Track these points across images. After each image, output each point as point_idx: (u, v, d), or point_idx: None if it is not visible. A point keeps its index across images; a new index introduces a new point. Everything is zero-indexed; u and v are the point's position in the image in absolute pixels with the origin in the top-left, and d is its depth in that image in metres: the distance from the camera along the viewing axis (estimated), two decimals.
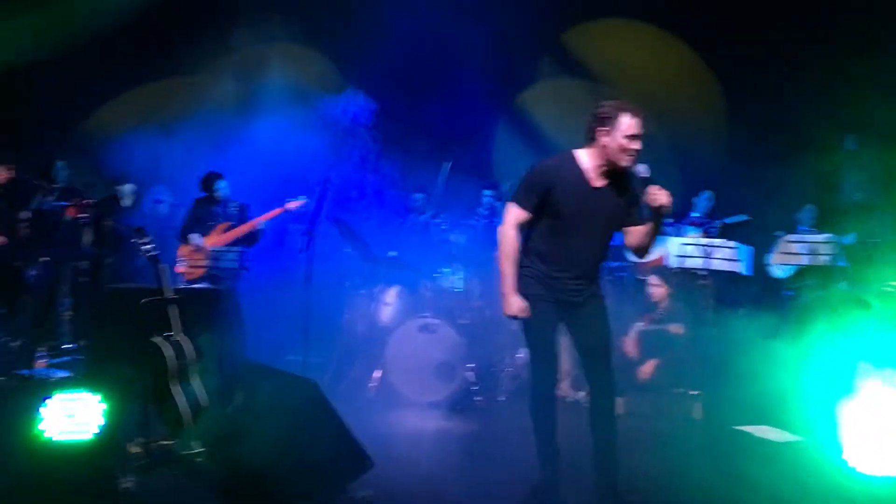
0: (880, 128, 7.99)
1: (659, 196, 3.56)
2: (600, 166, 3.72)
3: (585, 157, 3.74)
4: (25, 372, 5.92)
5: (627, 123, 3.62)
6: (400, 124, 8.52)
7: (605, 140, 3.66)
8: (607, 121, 3.65)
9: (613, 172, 3.71)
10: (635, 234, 3.81)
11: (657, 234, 3.73)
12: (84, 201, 7.39)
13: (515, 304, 3.76)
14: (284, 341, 6.89)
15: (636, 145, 3.63)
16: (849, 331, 5.95)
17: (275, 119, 7.80)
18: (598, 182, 3.73)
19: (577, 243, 3.74)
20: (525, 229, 3.84)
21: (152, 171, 7.98)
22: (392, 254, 6.67)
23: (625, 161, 3.64)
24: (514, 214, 3.79)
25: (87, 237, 7.49)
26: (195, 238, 6.64)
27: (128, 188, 7.92)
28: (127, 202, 7.91)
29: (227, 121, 7.97)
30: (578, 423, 4.09)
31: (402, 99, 8.57)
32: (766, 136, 8.06)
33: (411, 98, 8.71)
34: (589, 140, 3.73)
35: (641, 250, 3.84)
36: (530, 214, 3.77)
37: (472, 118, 8.74)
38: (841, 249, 6.47)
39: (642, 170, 3.66)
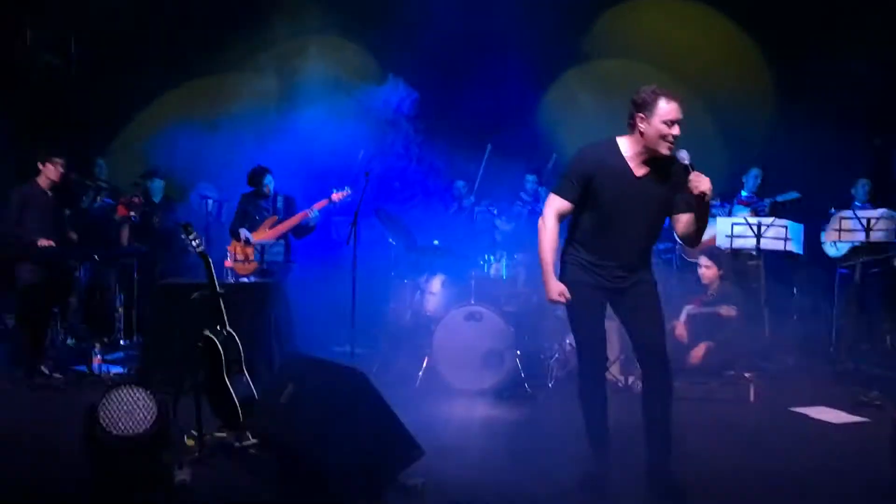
0: None
1: (700, 182, 3.46)
2: (640, 154, 3.64)
3: (626, 145, 3.67)
4: (82, 368, 6.08)
5: (665, 109, 3.52)
6: (441, 112, 8.48)
7: (643, 127, 3.58)
8: (644, 107, 3.56)
9: (655, 160, 3.63)
10: (682, 222, 3.71)
11: (704, 222, 3.62)
12: (134, 199, 7.56)
13: (555, 288, 3.75)
14: (332, 333, 6.95)
15: (675, 131, 3.53)
16: None
17: (316, 112, 7.82)
18: (640, 171, 3.65)
19: (620, 234, 3.69)
20: (569, 218, 3.82)
21: (196, 168, 8.08)
22: (436, 242, 6.66)
23: (664, 148, 3.55)
24: (554, 205, 3.76)
25: (137, 235, 7.68)
26: (244, 233, 6.72)
27: (157, 184, 8.06)
28: (156, 198, 8.04)
29: (268, 115, 8.03)
30: (628, 407, 4.05)
31: (443, 86, 8.54)
32: (817, 110, 7.83)
33: (451, 85, 8.67)
34: (629, 127, 3.65)
35: (689, 239, 3.74)
36: (571, 205, 3.73)
37: (513, 102, 8.68)
38: None
39: (684, 156, 3.54)
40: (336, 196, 6.77)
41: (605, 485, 3.81)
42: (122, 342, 7.36)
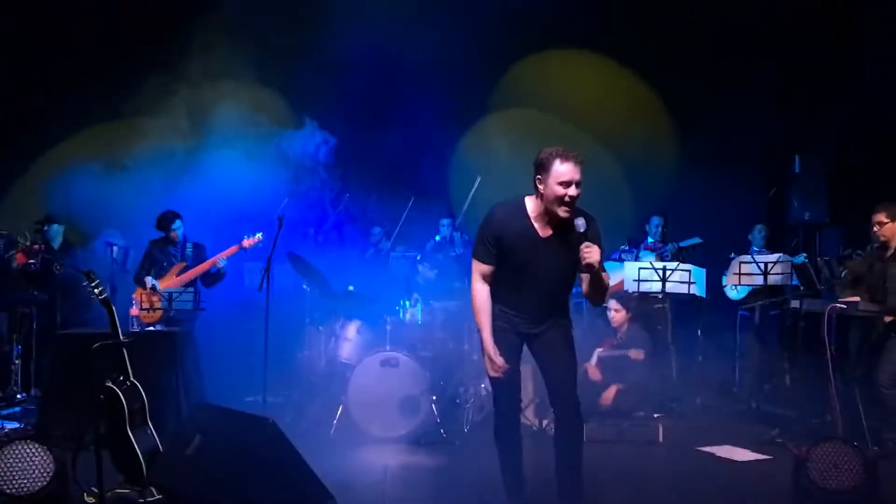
0: (825, 148, 8.27)
1: (589, 255, 3.50)
2: (543, 215, 3.68)
3: (532, 206, 3.71)
4: None
5: (559, 170, 3.53)
6: (357, 157, 8.53)
7: (541, 188, 3.61)
8: (541, 168, 3.59)
9: (559, 221, 3.65)
10: (584, 282, 3.73)
11: (599, 287, 3.68)
12: (33, 246, 7.25)
13: (489, 359, 3.74)
14: (243, 382, 6.77)
15: (571, 191, 3.53)
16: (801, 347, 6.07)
17: (230, 156, 7.74)
18: (545, 232, 3.70)
19: (529, 291, 3.76)
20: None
21: (101, 214, 7.83)
22: (350, 288, 6.62)
23: (561, 212, 3.57)
24: (477, 270, 3.81)
25: (37, 283, 7.35)
26: (150, 280, 6.54)
27: (55, 230, 7.75)
28: (55, 244, 7.73)
29: (178, 160, 7.87)
30: (543, 451, 4.08)
31: (358, 131, 8.59)
32: (717, 160, 8.23)
33: (367, 129, 8.74)
34: (534, 188, 3.68)
35: (591, 300, 3.83)
36: (492, 266, 3.78)
37: (429, 147, 8.79)
38: (792, 268, 6.60)
39: (580, 224, 3.55)
40: (247, 242, 6.67)
41: None
42: (18, 396, 6.99)
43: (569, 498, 3.77)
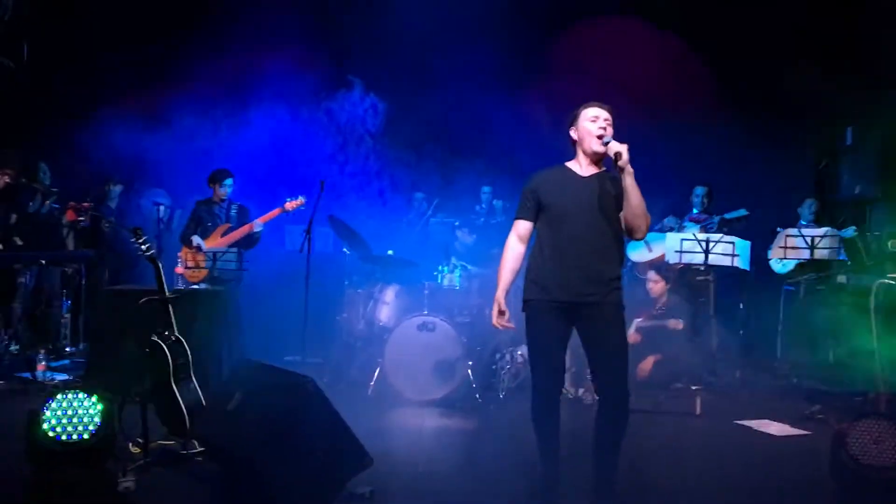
0: (878, 121, 8.02)
1: (614, 146, 3.58)
2: (581, 161, 3.80)
3: (572, 163, 3.85)
4: (26, 375, 5.93)
5: (586, 111, 3.75)
6: (402, 123, 8.52)
7: (575, 136, 3.79)
8: (573, 121, 3.80)
9: (599, 166, 3.78)
10: (623, 213, 3.71)
11: (635, 198, 3.62)
12: (83, 204, 7.42)
13: (497, 312, 3.85)
14: (283, 342, 6.90)
15: (600, 122, 3.70)
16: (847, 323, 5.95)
17: (274, 119, 7.79)
18: (586, 173, 3.78)
19: (577, 233, 3.69)
20: (532, 241, 3.88)
21: (145, 173, 7.98)
22: (390, 252, 6.66)
23: (595, 144, 3.70)
24: (516, 229, 3.88)
25: (86, 240, 7.53)
26: (196, 239, 6.65)
27: (117, 189, 7.95)
28: (112, 204, 7.93)
29: (224, 121, 7.95)
30: (578, 418, 4.09)
31: (403, 96, 8.56)
32: (765, 130, 8.05)
33: (411, 95, 8.69)
34: (571, 145, 3.85)
35: (630, 228, 3.72)
36: (530, 222, 3.83)
37: (475, 114, 8.73)
38: (840, 243, 6.45)
39: (606, 138, 3.66)
40: (290, 205, 6.72)
41: (554, 496, 3.82)
42: (67, 349, 7.20)
43: (604, 473, 3.73)
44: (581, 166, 3.80)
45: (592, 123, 3.71)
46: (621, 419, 3.72)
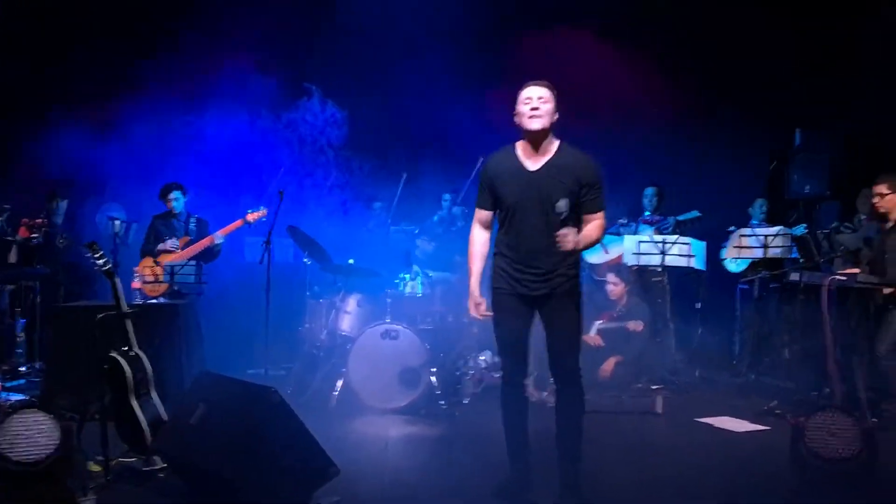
0: (826, 123, 8.24)
1: (563, 241, 3.56)
2: (527, 147, 3.84)
3: (518, 147, 3.89)
4: None
5: (521, 94, 3.80)
6: (360, 129, 8.49)
7: (517, 120, 3.83)
8: (515, 105, 3.84)
9: (544, 150, 3.80)
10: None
11: (583, 246, 3.74)
12: (36, 221, 7.28)
13: (473, 303, 3.92)
14: (245, 355, 6.85)
15: (532, 103, 3.73)
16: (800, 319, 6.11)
17: (231, 128, 7.71)
18: (533, 166, 3.82)
19: (527, 228, 3.78)
20: (494, 230, 3.97)
21: (99, 187, 7.84)
22: (351, 261, 6.65)
23: (529, 123, 3.74)
24: (476, 218, 3.98)
25: (40, 257, 7.38)
26: (170, 242, 6.59)
27: (63, 204, 7.78)
28: (59, 220, 7.77)
29: (179, 131, 7.84)
30: (541, 421, 4.13)
31: (363, 103, 8.54)
32: (717, 133, 8.21)
33: (371, 102, 8.66)
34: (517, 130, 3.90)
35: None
36: (489, 211, 3.92)
37: (433, 123, 8.75)
38: (792, 241, 6.61)
39: (562, 205, 3.60)
40: (251, 216, 6.68)
41: (520, 492, 3.86)
42: (23, 368, 7.04)
43: (568, 467, 3.81)
44: (528, 152, 3.83)
45: (525, 105, 3.77)
46: (575, 394, 3.83)
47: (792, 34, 8.22)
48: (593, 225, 3.79)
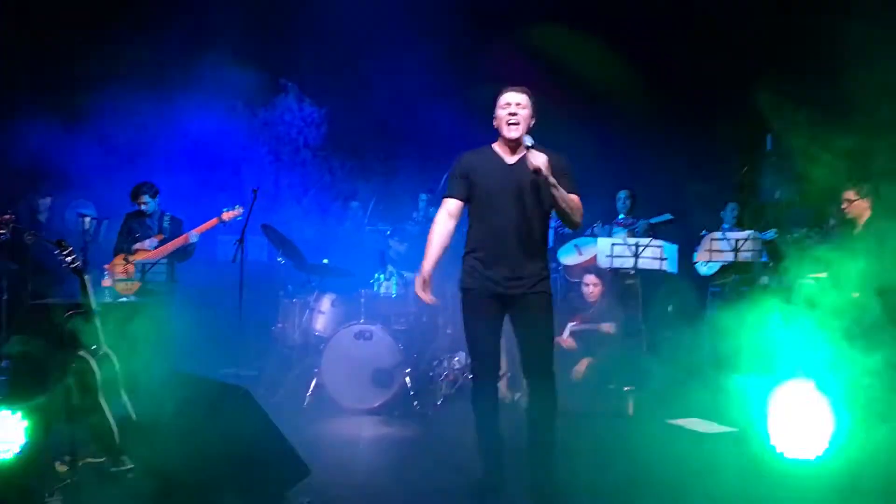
0: (796, 128, 8.34)
1: (533, 159, 3.64)
2: (503, 146, 3.91)
3: (497, 146, 3.95)
4: None
5: (500, 99, 3.86)
6: (337, 127, 8.46)
7: (495, 124, 3.90)
8: (494, 109, 3.90)
9: (521, 149, 3.83)
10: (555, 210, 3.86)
11: (561, 202, 3.73)
12: (3, 217, 7.14)
13: (421, 283, 3.92)
14: (217, 354, 6.77)
15: (510, 109, 3.79)
16: (771, 324, 6.17)
17: (204, 125, 7.64)
18: (511, 160, 3.88)
19: (501, 220, 3.81)
20: (464, 230, 3.96)
21: (69, 183, 7.72)
22: (325, 261, 6.62)
23: (507, 130, 3.81)
24: (444, 206, 3.97)
25: (8, 253, 7.26)
26: (147, 242, 6.51)
27: (46, 202, 7.70)
28: (42, 217, 7.67)
29: (151, 127, 7.75)
30: (514, 423, 4.14)
31: (340, 101, 8.51)
32: (689, 138, 8.28)
33: (348, 99, 8.62)
34: (496, 133, 3.95)
35: (565, 220, 3.88)
36: (459, 200, 3.92)
37: (409, 122, 8.74)
38: (762, 245, 6.69)
39: (526, 140, 3.75)
40: (227, 215, 6.61)
41: (493, 493, 3.87)
42: None
43: (541, 468, 3.83)
44: (504, 150, 3.91)
45: (503, 110, 3.82)
46: (548, 397, 3.85)
47: (763, 34, 8.33)
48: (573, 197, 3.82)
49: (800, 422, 4.21)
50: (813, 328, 5.85)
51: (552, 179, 3.65)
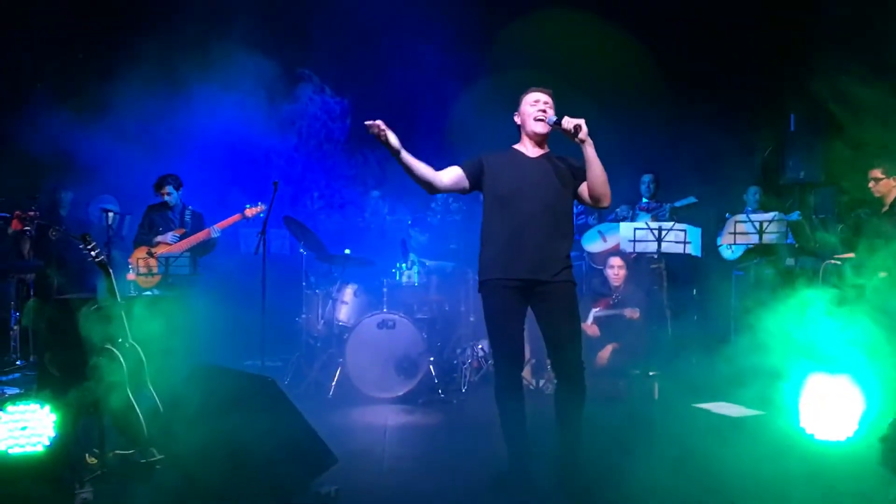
0: (820, 107, 8.22)
1: (570, 121, 3.68)
2: (525, 143, 3.95)
3: (519, 145, 3.99)
4: None
5: (527, 96, 3.93)
6: (357, 117, 8.42)
7: (519, 121, 3.96)
8: (518, 107, 3.97)
9: (544, 147, 3.94)
10: (585, 185, 3.86)
11: (597, 166, 3.74)
12: (28, 213, 7.24)
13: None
14: (242, 346, 6.82)
15: (539, 105, 3.87)
16: (797, 306, 6.09)
17: (224, 117, 7.63)
18: (533, 154, 3.93)
19: (526, 212, 3.78)
20: (482, 225, 3.94)
21: (91, 179, 7.77)
22: (347, 252, 6.63)
23: (536, 126, 3.86)
24: (450, 169, 3.94)
25: (32, 248, 7.35)
26: (169, 235, 6.56)
27: (68, 196, 7.77)
28: (64, 212, 7.75)
29: (174, 121, 7.75)
30: (540, 409, 4.13)
31: (360, 90, 8.47)
32: (711, 119, 8.18)
33: (368, 89, 8.58)
34: (517, 130, 4.01)
35: (595, 197, 3.85)
36: (463, 176, 3.90)
37: (427, 111, 8.69)
38: (787, 227, 6.60)
39: (551, 118, 3.80)
40: (249, 211, 6.64)
41: (519, 484, 3.86)
42: (18, 362, 7.02)
43: (569, 454, 3.82)
44: (527, 148, 3.94)
45: (532, 107, 3.87)
46: (578, 390, 3.82)
47: (786, 19, 8.21)
48: None
49: (829, 404, 4.15)
50: (841, 311, 5.80)
51: (590, 139, 3.69)
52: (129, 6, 7.98)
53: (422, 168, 3.82)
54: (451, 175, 3.90)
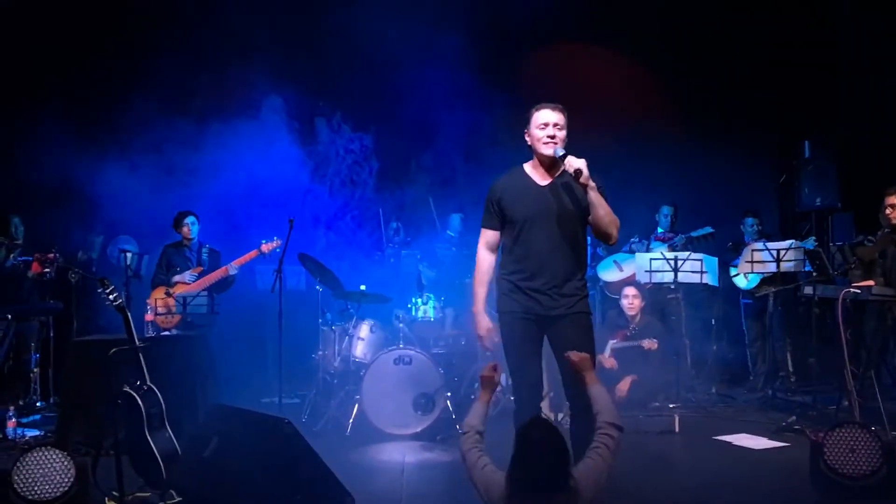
0: (834, 133, 8.22)
1: (572, 163, 3.62)
2: (537, 167, 3.87)
3: (529, 166, 3.91)
4: None
5: (536, 116, 3.80)
6: (374, 153, 8.51)
7: (528, 140, 3.85)
8: (525, 124, 3.86)
9: (556, 169, 3.82)
10: (592, 220, 3.80)
11: (601, 209, 3.69)
12: (48, 256, 7.31)
13: (483, 324, 3.94)
14: (259, 384, 6.84)
15: (549, 130, 3.76)
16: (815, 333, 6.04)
17: (238, 155, 7.71)
18: (544, 181, 3.84)
19: (539, 243, 3.77)
20: (500, 251, 3.95)
21: (116, 221, 7.87)
22: (362, 287, 6.65)
23: (544, 149, 3.76)
24: (482, 239, 3.95)
25: (53, 292, 7.42)
26: (187, 275, 6.62)
27: (99, 240, 7.86)
28: (95, 255, 7.84)
29: (188, 160, 7.83)
30: None
31: (372, 126, 8.56)
32: (725, 148, 8.18)
33: (378, 125, 8.66)
34: (528, 149, 3.91)
35: (601, 234, 3.81)
36: (496, 231, 3.90)
37: (440, 144, 8.75)
38: (803, 254, 6.56)
39: (559, 151, 3.72)
40: (266, 247, 6.69)
41: None
42: (38, 404, 7.05)
43: None
44: (538, 170, 3.86)
45: (541, 131, 3.78)
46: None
47: (796, 41, 8.25)
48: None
49: (851, 437, 4.09)
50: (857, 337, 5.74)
51: (592, 182, 3.63)
52: (147, 45, 8.09)
53: (488, 280, 3.94)
54: (491, 246, 3.94)
